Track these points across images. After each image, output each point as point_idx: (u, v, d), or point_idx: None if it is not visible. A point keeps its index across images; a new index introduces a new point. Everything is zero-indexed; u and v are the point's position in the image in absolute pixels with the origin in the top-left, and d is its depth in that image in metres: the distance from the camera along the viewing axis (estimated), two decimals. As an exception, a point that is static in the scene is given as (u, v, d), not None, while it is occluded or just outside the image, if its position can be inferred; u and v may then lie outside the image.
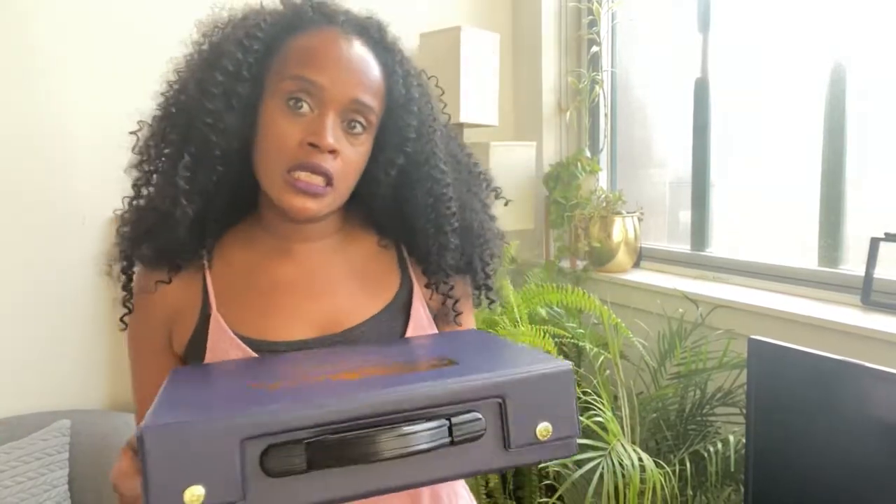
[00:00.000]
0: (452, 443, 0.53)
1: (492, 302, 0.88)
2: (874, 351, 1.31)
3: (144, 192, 0.75)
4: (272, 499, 0.50)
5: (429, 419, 0.53)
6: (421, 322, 0.80)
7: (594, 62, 2.27)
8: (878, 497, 1.05)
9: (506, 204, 0.90)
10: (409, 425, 0.52)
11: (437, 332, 0.82)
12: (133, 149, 0.75)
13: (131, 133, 0.75)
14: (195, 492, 0.48)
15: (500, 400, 0.56)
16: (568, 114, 2.33)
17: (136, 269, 0.77)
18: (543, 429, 0.57)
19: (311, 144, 0.68)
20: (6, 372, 1.73)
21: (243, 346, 0.72)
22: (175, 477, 0.48)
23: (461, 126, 2.07)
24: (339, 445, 0.50)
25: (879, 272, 1.47)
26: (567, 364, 0.58)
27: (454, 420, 0.53)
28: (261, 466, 0.50)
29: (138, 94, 0.79)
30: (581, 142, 2.37)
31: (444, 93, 0.86)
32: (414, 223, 0.80)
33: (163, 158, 0.73)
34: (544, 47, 2.33)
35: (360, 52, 0.72)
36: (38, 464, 1.58)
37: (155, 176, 0.73)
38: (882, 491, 1.04)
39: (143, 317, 0.78)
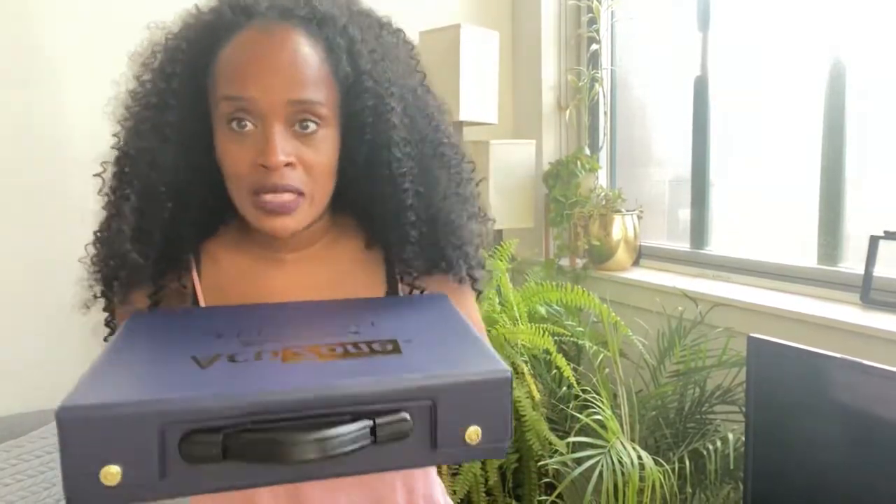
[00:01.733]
0: (375, 442, 0.52)
1: (479, 293, 0.84)
2: (873, 349, 1.31)
3: (112, 228, 0.70)
4: (191, 481, 0.51)
5: (353, 418, 0.51)
6: None
7: (594, 60, 2.27)
8: (877, 495, 1.05)
9: (477, 184, 0.82)
10: (329, 428, 0.50)
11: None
12: (99, 192, 0.72)
13: (95, 175, 0.72)
14: (111, 471, 0.49)
15: (430, 402, 0.53)
16: (567, 112, 2.33)
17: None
18: (473, 432, 0.54)
19: (263, 166, 0.64)
20: (6, 370, 1.73)
21: None
22: (91, 456, 0.49)
23: (461, 124, 2.07)
24: (255, 443, 0.50)
25: (879, 270, 1.47)
26: (506, 371, 0.55)
27: (378, 420, 0.52)
28: (179, 451, 0.50)
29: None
30: (581, 140, 2.37)
31: (413, 48, 0.77)
32: (374, 217, 0.75)
33: (119, 201, 0.69)
34: (544, 45, 2.33)
35: (286, 45, 0.65)
36: (37, 462, 1.58)
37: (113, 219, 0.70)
38: (881, 489, 1.04)
39: None
